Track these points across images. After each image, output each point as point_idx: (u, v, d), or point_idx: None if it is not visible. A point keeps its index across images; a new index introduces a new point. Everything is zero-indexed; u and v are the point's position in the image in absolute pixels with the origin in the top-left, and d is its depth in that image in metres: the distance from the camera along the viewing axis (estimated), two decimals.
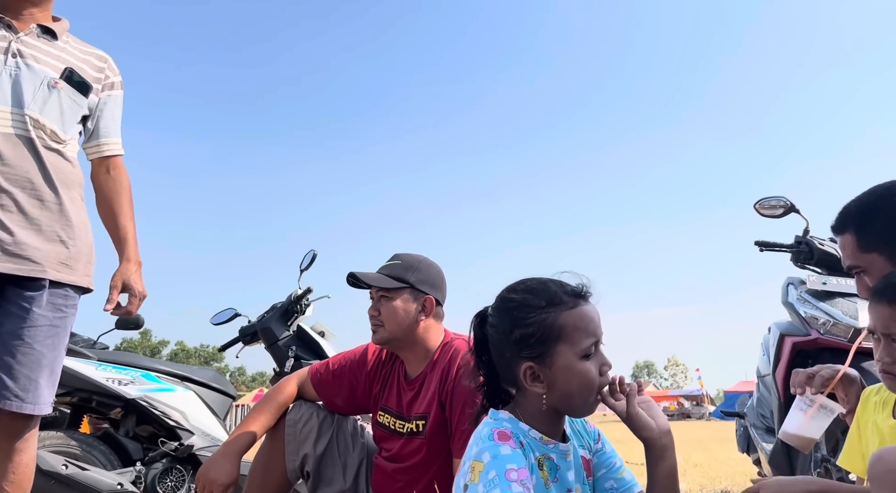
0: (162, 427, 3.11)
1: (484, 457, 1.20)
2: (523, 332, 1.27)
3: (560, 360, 1.26)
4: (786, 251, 2.80)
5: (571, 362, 1.26)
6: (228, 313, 3.54)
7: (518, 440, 1.25)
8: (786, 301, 2.75)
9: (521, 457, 1.22)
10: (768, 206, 2.82)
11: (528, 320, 1.28)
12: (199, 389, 3.30)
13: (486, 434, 1.25)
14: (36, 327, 1.73)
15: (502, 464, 1.18)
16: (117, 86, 2.04)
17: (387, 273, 1.99)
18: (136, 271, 1.97)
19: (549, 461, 1.30)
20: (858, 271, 1.54)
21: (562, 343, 1.27)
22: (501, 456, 1.19)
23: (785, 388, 2.65)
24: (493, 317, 1.35)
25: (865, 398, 1.46)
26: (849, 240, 1.55)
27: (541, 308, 1.29)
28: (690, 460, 7.03)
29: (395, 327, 1.97)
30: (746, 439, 3.69)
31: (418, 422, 1.96)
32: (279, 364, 3.24)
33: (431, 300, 2.02)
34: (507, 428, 1.27)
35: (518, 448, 1.23)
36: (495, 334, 1.33)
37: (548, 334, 1.27)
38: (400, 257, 2.06)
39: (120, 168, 2.03)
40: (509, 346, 1.29)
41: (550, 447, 1.31)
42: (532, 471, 1.24)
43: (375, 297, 2.02)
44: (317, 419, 2.07)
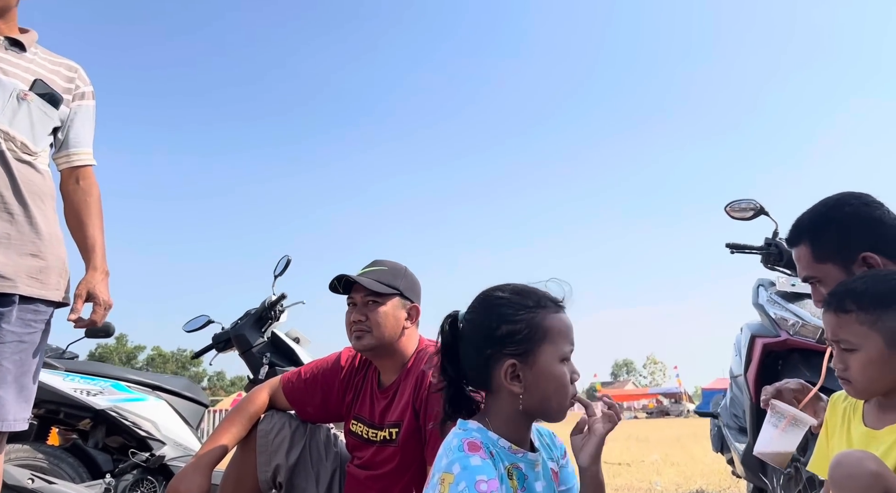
0: (132, 438, 3.05)
1: (454, 468, 1.20)
2: (511, 328, 1.29)
3: (542, 360, 1.28)
4: (756, 253, 2.83)
5: (552, 363, 1.29)
6: (201, 320, 3.49)
7: (488, 449, 1.25)
8: (756, 303, 2.78)
9: (492, 468, 1.21)
10: (738, 208, 2.86)
11: (516, 317, 1.30)
12: (171, 398, 3.24)
13: (456, 445, 1.24)
14: (2, 344, 1.69)
15: (472, 475, 1.18)
16: (88, 96, 2.01)
17: (375, 278, 1.96)
18: (103, 281, 1.93)
19: (517, 470, 1.30)
20: (814, 281, 1.56)
21: (546, 344, 1.29)
22: (472, 467, 1.19)
23: (756, 389, 2.69)
24: (475, 313, 1.34)
25: (834, 403, 1.47)
26: (803, 251, 1.59)
27: (529, 308, 1.31)
28: (668, 459, 7.11)
29: (382, 334, 1.94)
30: (720, 438, 3.74)
31: (391, 430, 1.95)
32: (253, 371, 3.20)
33: (418, 308, 2.03)
34: (477, 438, 1.26)
35: (488, 459, 1.23)
36: (475, 330, 1.32)
37: (534, 333, 1.29)
38: (383, 263, 2.04)
39: (90, 179, 2.01)
40: (492, 342, 1.29)
41: (519, 457, 1.31)
42: (502, 481, 1.24)
43: (361, 302, 1.96)
44: (289, 429, 2.04)
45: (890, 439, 1.27)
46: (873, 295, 1.31)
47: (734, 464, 3.42)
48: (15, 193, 1.77)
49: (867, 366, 1.30)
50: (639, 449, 9.25)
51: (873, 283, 1.35)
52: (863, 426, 1.35)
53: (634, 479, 5.48)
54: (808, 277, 1.58)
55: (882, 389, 1.32)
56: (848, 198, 1.59)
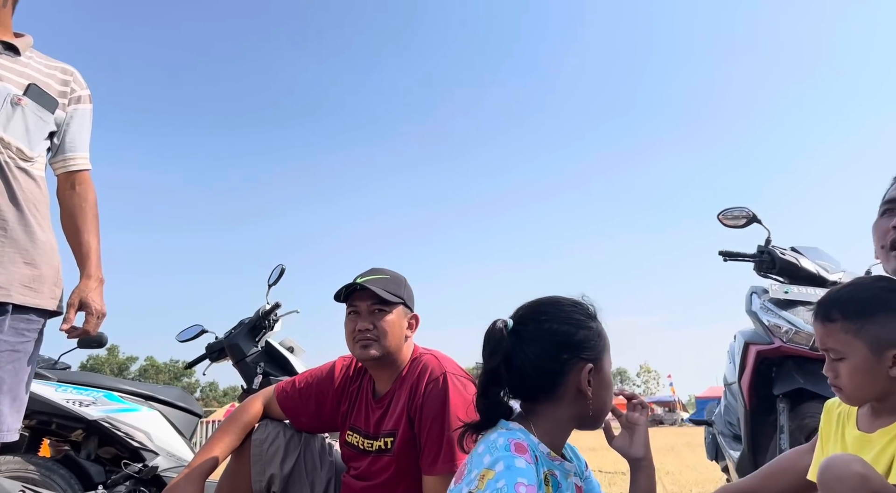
0: (125, 449, 3.03)
1: (497, 466, 1.19)
2: (586, 334, 1.33)
3: (605, 368, 1.35)
4: (749, 261, 2.85)
5: (609, 373, 1.35)
6: (195, 330, 3.48)
7: (533, 453, 1.25)
8: (749, 310, 2.80)
9: (534, 474, 1.21)
10: (731, 216, 2.88)
11: (588, 324, 1.35)
12: (165, 408, 3.22)
13: (503, 445, 1.24)
14: None
15: (514, 476, 1.17)
16: (85, 99, 2.00)
17: (381, 287, 1.94)
18: (97, 289, 1.91)
19: (553, 477, 1.30)
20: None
21: (607, 353, 1.36)
22: (515, 468, 1.18)
23: (751, 396, 2.70)
24: (546, 319, 1.34)
25: (828, 410, 1.48)
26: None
27: (590, 318, 1.37)
28: (663, 467, 7.10)
29: (388, 343, 1.92)
30: (715, 446, 3.73)
31: (386, 439, 1.94)
32: (247, 381, 3.19)
33: (418, 318, 2.03)
34: (523, 440, 1.26)
35: (533, 463, 1.22)
36: (550, 336, 1.32)
37: (602, 342, 1.35)
38: (383, 271, 2.03)
39: (86, 183, 1.99)
40: (570, 348, 1.31)
41: (556, 464, 1.31)
42: (539, 487, 1.23)
43: (367, 310, 1.93)
44: (283, 439, 2.03)
45: (882, 441, 1.29)
46: (856, 303, 1.33)
47: (729, 472, 3.42)
48: (11, 199, 1.75)
49: (854, 373, 1.32)
50: None
51: (857, 291, 1.37)
52: (856, 431, 1.37)
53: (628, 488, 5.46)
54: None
55: (872, 395, 1.33)
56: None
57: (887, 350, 1.29)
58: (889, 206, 1.44)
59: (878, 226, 1.47)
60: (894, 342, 1.29)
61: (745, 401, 2.70)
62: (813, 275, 2.66)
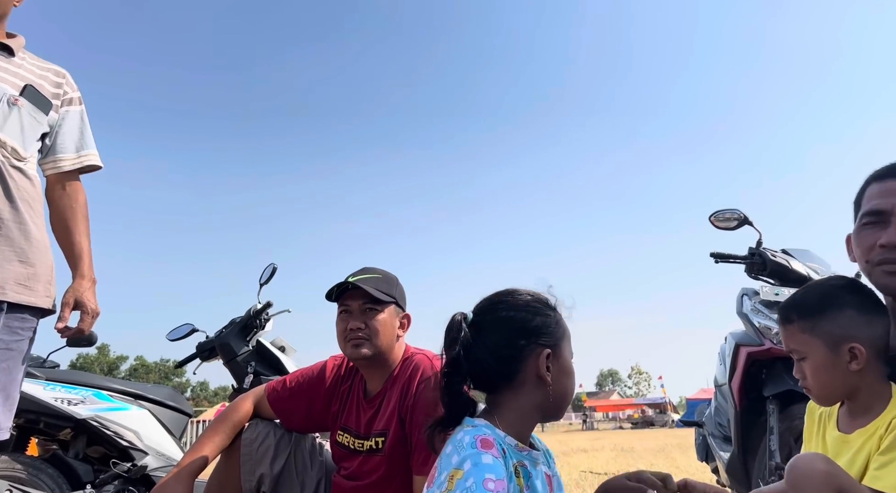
0: (114, 448, 3.01)
1: (465, 465, 1.19)
2: (543, 320, 1.34)
3: (564, 354, 1.35)
4: (740, 263, 2.85)
5: (569, 360, 1.35)
6: (185, 329, 3.46)
7: (500, 447, 1.25)
8: (740, 312, 2.80)
9: (502, 468, 1.21)
10: (723, 218, 2.88)
11: (546, 311, 1.37)
12: (154, 407, 3.20)
13: (469, 442, 1.24)
14: None
15: (482, 473, 1.17)
16: (76, 102, 2.01)
17: (373, 286, 1.93)
18: (90, 288, 1.92)
19: (523, 468, 1.30)
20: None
21: (566, 340, 1.36)
22: (483, 465, 1.19)
23: (741, 397, 2.70)
24: (505, 307, 1.36)
25: (811, 411, 1.49)
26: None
27: (549, 307, 1.38)
28: (653, 469, 7.11)
29: (381, 342, 1.92)
30: (705, 447, 3.74)
31: (378, 439, 1.93)
32: (238, 381, 3.17)
33: (410, 317, 2.03)
34: (489, 435, 1.26)
35: (500, 458, 1.23)
36: (506, 324, 1.33)
37: (559, 328, 1.36)
38: (375, 270, 2.02)
39: (77, 184, 1.99)
40: (527, 333, 1.32)
41: (525, 454, 1.31)
42: (510, 479, 1.24)
43: (359, 309, 1.93)
44: (273, 438, 2.02)
45: (859, 442, 1.30)
46: (809, 303, 1.38)
47: (719, 473, 3.43)
48: (7, 197, 1.75)
49: (817, 372, 1.35)
50: (624, 459, 9.26)
51: (810, 291, 1.42)
52: (836, 431, 1.38)
53: None
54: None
55: (839, 392, 1.36)
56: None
57: (842, 345, 1.31)
58: (870, 218, 1.41)
59: (862, 240, 1.42)
60: (847, 337, 1.31)
61: (735, 402, 2.70)
62: (803, 277, 2.66)
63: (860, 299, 1.36)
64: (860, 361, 1.30)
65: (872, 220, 1.41)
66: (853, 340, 1.31)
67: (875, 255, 1.38)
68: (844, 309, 1.33)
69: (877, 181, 1.44)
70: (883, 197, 1.39)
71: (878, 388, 1.33)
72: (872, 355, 1.32)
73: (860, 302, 1.35)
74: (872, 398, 1.32)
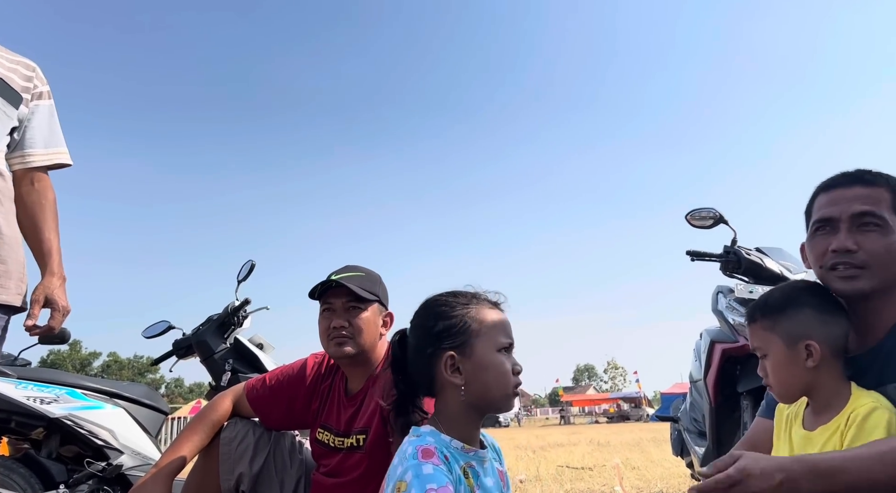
0: (88, 447, 2.96)
1: (407, 476, 1.22)
2: (447, 323, 1.35)
3: (478, 350, 1.33)
4: (715, 261, 2.89)
5: (488, 352, 1.33)
6: (161, 326, 3.42)
7: (442, 454, 1.27)
8: (715, 309, 2.85)
9: (443, 475, 1.23)
10: (699, 217, 2.92)
11: (452, 313, 1.36)
12: (130, 405, 3.16)
13: (411, 453, 1.27)
14: None
15: (423, 484, 1.20)
16: (45, 95, 1.96)
17: (357, 284, 1.93)
18: (61, 286, 1.88)
19: (471, 468, 1.32)
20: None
21: (481, 335, 1.34)
22: (423, 476, 1.21)
23: (716, 393, 2.75)
24: (416, 318, 1.41)
25: (780, 411, 1.54)
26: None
27: (464, 304, 1.38)
28: (628, 463, 7.20)
29: (363, 341, 1.92)
30: (680, 442, 3.80)
31: (358, 437, 1.93)
32: (215, 378, 3.14)
33: (392, 316, 2.03)
34: (431, 444, 1.28)
35: (442, 465, 1.25)
36: (416, 334, 1.39)
37: (469, 325, 1.35)
38: (359, 268, 2.02)
39: (45, 181, 1.95)
40: (431, 340, 1.35)
41: (471, 455, 1.34)
42: (459, 482, 1.27)
43: (342, 308, 1.92)
44: (253, 437, 2.01)
45: (822, 439, 1.35)
46: (771, 302, 1.45)
47: (694, 467, 3.49)
48: None
49: (777, 368, 1.42)
50: (600, 453, 9.36)
51: (774, 292, 1.50)
52: (801, 430, 1.43)
53: (596, 483, 5.54)
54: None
55: (796, 389, 1.42)
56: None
57: (799, 342, 1.38)
58: (820, 225, 1.48)
59: (815, 246, 1.49)
60: (804, 334, 1.38)
61: (710, 398, 2.75)
62: (777, 275, 2.71)
63: (820, 300, 1.43)
64: (815, 358, 1.36)
65: (823, 227, 1.47)
66: (809, 337, 1.37)
67: (828, 260, 1.44)
68: (803, 309, 1.41)
69: (824, 191, 1.52)
70: (831, 205, 1.47)
71: (838, 386, 1.38)
72: (829, 354, 1.37)
73: (819, 303, 1.42)
74: (832, 397, 1.38)
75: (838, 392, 1.38)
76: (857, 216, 1.42)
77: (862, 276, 1.40)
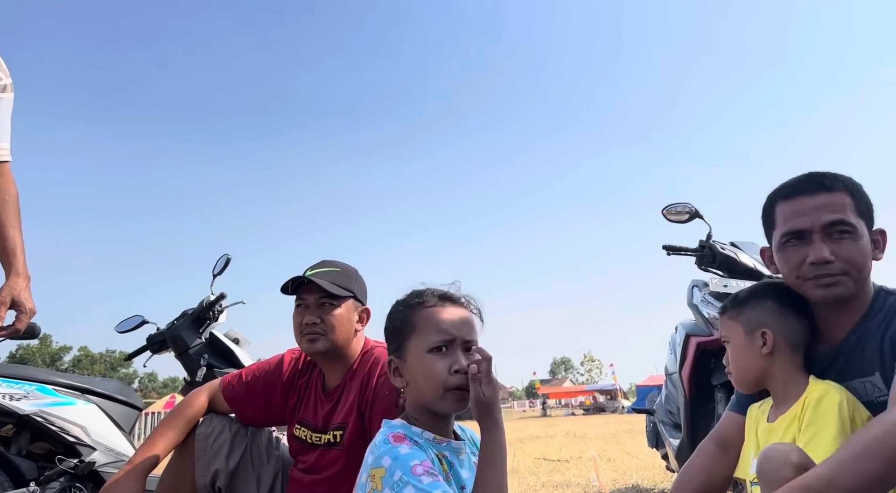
0: (60, 444, 2.91)
1: (384, 461, 1.21)
2: (389, 327, 1.39)
3: (410, 353, 1.34)
4: (690, 255, 2.93)
5: (417, 354, 1.33)
6: (135, 321, 3.37)
7: (413, 441, 1.28)
8: (691, 303, 2.88)
9: (420, 451, 1.24)
10: (675, 212, 2.95)
11: (395, 316, 1.40)
12: (102, 401, 3.10)
13: (381, 440, 1.28)
14: None
15: (405, 462, 1.20)
16: (9, 88, 1.89)
17: (330, 280, 1.91)
18: (27, 287, 1.83)
19: (444, 458, 1.33)
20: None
21: (413, 337, 1.34)
22: (402, 456, 1.21)
23: (691, 386, 2.79)
24: None
25: (750, 411, 1.59)
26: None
27: (407, 306, 1.39)
28: (605, 454, 7.28)
29: (336, 337, 1.90)
30: (655, 434, 3.86)
31: (336, 432, 1.92)
32: (190, 374, 3.11)
33: (369, 311, 2.01)
34: (400, 431, 1.29)
35: (415, 448, 1.26)
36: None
37: (403, 328, 1.36)
38: (334, 263, 2.00)
39: (7, 176, 1.89)
40: (389, 345, 1.39)
41: (444, 445, 1.34)
42: (434, 464, 1.27)
43: (315, 304, 1.91)
44: (229, 433, 1.99)
45: (782, 428, 1.42)
46: (741, 296, 1.58)
47: (668, 459, 3.54)
48: None
49: (736, 355, 1.55)
50: (577, 446, 9.46)
51: (746, 288, 1.62)
52: (765, 423, 1.49)
53: (573, 475, 5.59)
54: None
55: (752, 374, 1.51)
56: None
57: (757, 330, 1.49)
58: (791, 237, 1.49)
59: (788, 257, 1.50)
60: (762, 323, 1.50)
61: (685, 391, 2.79)
62: (750, 269, 2.75)
63: (782, 296, 1.52)
64: (769, 345, 1.47)
65: (794, 238, 1.49)
66: (766, 326, 1.49)
67: (806, 271, 1.46)
68: (765, 302, 1.52)
69: (785, 200, 1.52)
70: (800, 216, 1.48)
71: (794, 378, 1.46)
72: (783, 344, 1.47)
73: (781, 298, 1.52)
74: (790, 388, 1.45)
75: (796, 384, 1.45)
76: (828, 226, 1.44)
77: (841, 282, 1.43)
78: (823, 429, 1.32)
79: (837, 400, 1.35)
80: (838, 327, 1.49)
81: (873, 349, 1.43)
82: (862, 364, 1.44)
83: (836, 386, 1.40)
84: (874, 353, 1.43)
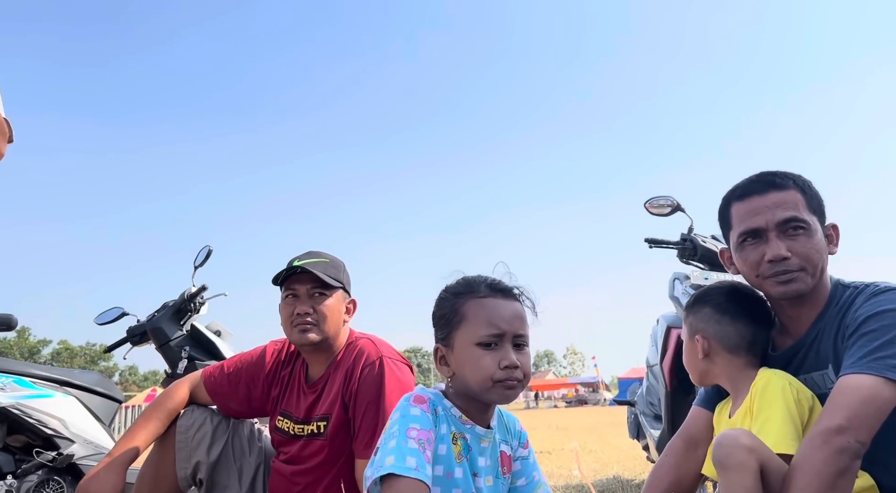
0: (38, 437, 2.87)
1: (394, 415, 1.27)
2: (437, 314, 1.37)
3: (458, 344, 1.32)
4: (672, 248, 2.95)
5: (465, 346, 1.30)
6: (115, 312, 3.33)
7: (434, 407, 1.30)
8: (672, 295, 2.90)
9: (429, 420, 1.26)
10: (657, 205, 2.96)
11: (443, 304, 1.36)
12: (81, 393, 3.07)
13: (405, 399, 1.31)
14: None
15: (406, 422, 1.23)
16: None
17: (322, 271, 1.90)
18: None
19: (462, 439, 1.33)
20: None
21: (462, 327, 1.31)
22: (409, 415, 1.25)
23: (671, 377, 2.81)
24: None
25: (718, 410, 1.64)
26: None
27: (457, 295, 1.35)
28: (586, 446, 7.34)
29: (328, 327, 1.89)
30: (637, 426, 3.89)
31: (319, 423, 1.91)
32: (171, 366, 3.08)
33: (356, 303, 2.01)
34: (427, 396, 1.32)
35: (430, 414, 1.27)
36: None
37: (452, 318, 1.33)
38: (322, 254, 1.99)
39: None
40: (434, 330, 1.38)
41: (467, 427, 1.34)
42: (443, 441, 1.29)
43: (306, 294, 1.89)
44: (210, 425, 1.98)
45: (739, 420, 1.48)
46: (691, 300, 1.66)
47: (649, 450, 3.57)
48: None
49: (684, 354, 1.65)
50: (559, 437, 9.52)
51: (697, 292, 1.67)
52: (727, 418, 1.55)
53: (555, 466, 5.63)
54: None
55: (696, 374, 1.62)
56: None
57: (695, 335, 1.59)
58: (748, 237, 1.52)
59: (747, 256, 1.52)
60: (698, 328, 1.58)
61: (666, 382, 2.81)
62: None
63: (721, 302, 1.57)
64: (703, 350, 1.56)
65: (751, 237, 1.52)
66: (701, 332, 1.57)
67: (765, 269, 1.49)
68: (704, 307, 1.59)
69: (739, 201, 1.55)
70: (754, 215, 1.51)
71: (742, 375, 1.52)
72: (720, 349, 1.54)
73: (719, 304, 1.57)
74: (739, 383, 1.52)
75: (744, 379, 1.51)
76: (782, 224, 1.47)
77: (799, 278, 1.47)
78: (772, 415, 1.38)
79: (780, 385, 1.42)
80: (800, 322, 1.53)
81: (828, 342, 1.48)
82: (819, 357, 1.49)
83: (779, 372, 1.47)
84: (829, 346, 1.47)
